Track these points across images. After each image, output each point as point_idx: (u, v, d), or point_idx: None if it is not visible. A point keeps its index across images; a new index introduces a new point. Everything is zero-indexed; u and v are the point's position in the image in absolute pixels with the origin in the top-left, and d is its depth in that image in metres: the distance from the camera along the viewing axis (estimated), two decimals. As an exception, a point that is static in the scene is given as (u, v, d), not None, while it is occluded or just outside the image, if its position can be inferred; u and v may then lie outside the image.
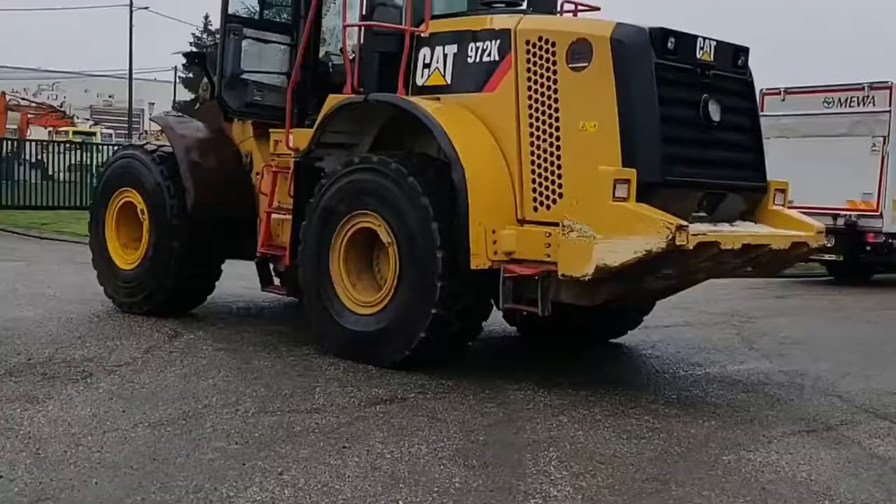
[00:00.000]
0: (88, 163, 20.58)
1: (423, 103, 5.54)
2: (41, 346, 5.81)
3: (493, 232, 5.21)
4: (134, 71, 45.53)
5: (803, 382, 5.96)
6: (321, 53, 6.68)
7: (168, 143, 7.05)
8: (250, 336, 6.43)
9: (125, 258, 7.17)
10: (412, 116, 5.57)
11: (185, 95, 48.16)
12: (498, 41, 5.45)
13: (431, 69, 5.75)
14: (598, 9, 6.55)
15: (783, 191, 5.72)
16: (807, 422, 4.96)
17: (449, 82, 5.67)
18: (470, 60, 5.58)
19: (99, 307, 7.30)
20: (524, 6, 6.22)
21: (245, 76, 6.68)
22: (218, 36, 6.93)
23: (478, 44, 5.55)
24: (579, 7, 6.59)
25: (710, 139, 5.31)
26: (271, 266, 6.73)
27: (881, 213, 12.26)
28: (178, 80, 49.12)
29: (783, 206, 5.70)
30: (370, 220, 5.58)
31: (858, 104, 12.58)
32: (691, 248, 4.69)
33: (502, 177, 5.33)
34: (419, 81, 5.78)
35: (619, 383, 5.60)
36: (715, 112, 5.24)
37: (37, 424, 4.19)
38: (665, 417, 4.82)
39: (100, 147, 23.02)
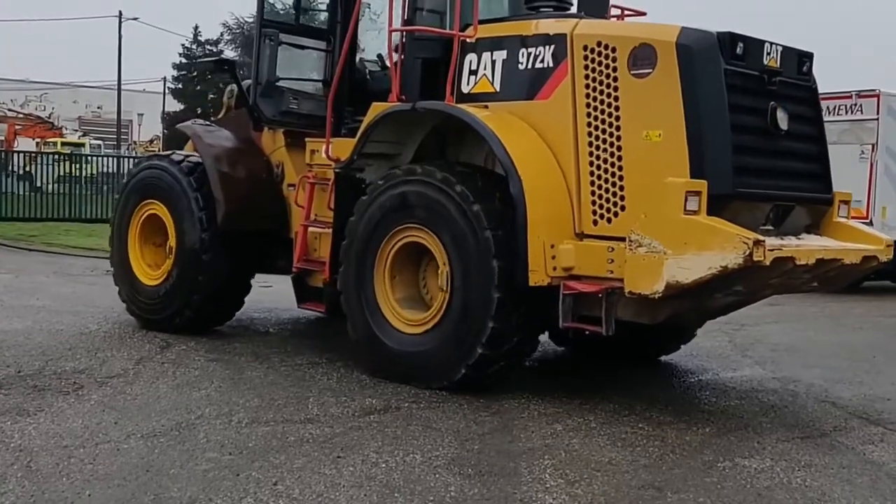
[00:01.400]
0: (77, 174, 20.51)
1: (475, 112, 5.29)
2: (31, 358, 5.76)
3: (552, 247, 4.96)
4: (123, 82, 45.57)
5: (796, 389, 5.98)
6: (356, 60, 6.48)
7: (194, 153, 6.79)
8: (242, 347, 6.40)
9: (149, 274, 6.88)
10: (461, 125, 5.36)
11: (173, 106, 48.07)
12: (552, 47, 5.21)
13: (478, 76, 5.52)
14: (644, 13, 6.26)
15: (847, 202, 5.50)
16: (800, 428, 4.97)
17: (497, 89, 5.43)
18: (521, 67, 5.34)
19: (89, 319, 7.25)
20: (573, 10, 5.93)
21: (280, 83, 6.39)
22: (253, 41, 6.64)
23: (529, 49, 5.31)
24: (626, 12, 6.29)
25: (778, 149, 5.09)
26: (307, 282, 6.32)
27: (871, 221, 12.33)
28: (167, 91, 49.03)
29: (847, 217, 5.49)
30: (419, 235, 5.34)
31: (846, 112, 12.68)
32: (768, 263, 4.46)
33: (559, 188, 5.09)
34: (465, 89, 5.55)
35: (612, 391, 5.59)
36: (783, 120, 5.01)
37: (28, 437, 4.15)
38: (659, 425, 4.82)
39: (88, 158, 22.98)
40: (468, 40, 5.53)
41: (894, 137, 12.53)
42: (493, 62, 5.46)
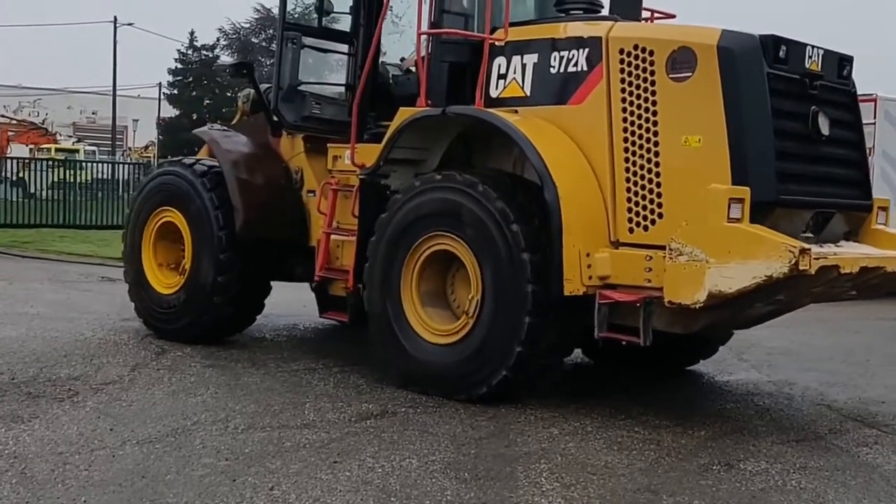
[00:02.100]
0: (71, 180, 20.48)
1: (507, 116, 5.15)
2: (25, 365, 5.74)
3: (588, 255, 4.83)
4: (118, 87, 45.46)
5: (792, 392, 6.00)
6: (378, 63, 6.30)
7: (206, 157, 6.67)
8: (238, 352, 6.39)
9: (164, 282, 6.72)
10: (491, 130, 5.24)
11: (169, 112, 48.02)
12: (586, 50, 5.07)
13: (508, 80, 5.38)
14: (673, 15, 6.08)
15: (885, 209, 5.40)
16: (795, 431, 4.98)
17: (528, 94, 5.29)
18: (553, 71, 5.21)
19: (83, 326, 7.23)
20: (604, 12, 5.74)
21: (302, 88, 6.27)
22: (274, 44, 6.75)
23: (562, 53, 5.17)
24: (655, 15, 6.13)
25: (819, 154, 4.99)
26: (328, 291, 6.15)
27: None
28: (162, 97, 48.95)
29: (885, 224, 5.38)
30: (448, 243, 5.20)
31: None
32: (813, 272, 4.33)
33: (594, 195, 4.95)
34: (493, 93, 5.41)
35: (608, 395, 5.61)
36: (824, 125, 4.91)
37: (22, 444, 4.14)
38: (655, 428, 4.82)
39: (83, 164, 22.95)
40: (497, 43, 5.39)
41: (891, 142, 12.57)
42: (524, 66, 5.32)
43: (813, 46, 4.99)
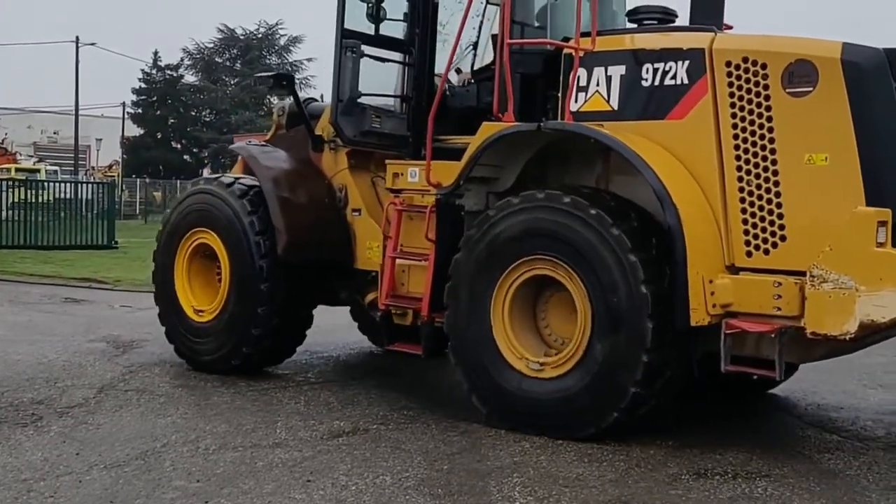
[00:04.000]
0: (33, 200, 20.14)
1: (615, 133, 4.84)
2: (-13, 389, 5.65)
3: (711, 282, 4.55)
4: (80, 107, 44.96)
5: (754, 400, 6.10)
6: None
7: (245, 176, 6.36)
8: (207, 373, 6.31)
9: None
10: (587, 146, 4.98)
11: (133, 131, 47.68)
12: (686, 62, 4.81)
13: (589, 93, 5.10)
14: (731, 27, 5.69)
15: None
16: (760, 439, 5.06)
17: (615, 108, 5.01)
18: (645, 84, 4.93)
19: (47, 348, 7.11)
20: (677, 22, 5.45)
21: (362, 100, 5.89)
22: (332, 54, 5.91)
23: (657, 65, 4.90)
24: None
25: None
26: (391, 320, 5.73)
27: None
28: (126, 116, 48.55)
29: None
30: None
31: None
32: None
33: (708, 217, 4.68)
34: (573, 107, 5.11)
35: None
36: None
37: (-13, 470, 4.07)
38: (624, 439, 4.86)
39: (44, 184, 22.57)
40: (571, 55, 5.11)
41: None
42: (609, 78, 5.05)
43: None
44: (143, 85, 46.81)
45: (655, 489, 4.09)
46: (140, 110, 46.81)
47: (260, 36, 47.26)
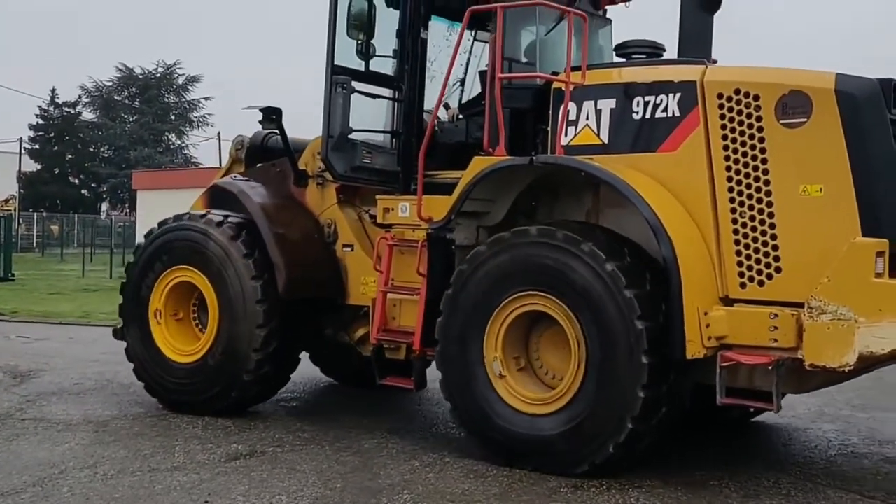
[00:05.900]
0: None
1: (609, 167, 4.82)
2: None
3: (706, 314, 4.52)
4: (-24, 142, 43.22)
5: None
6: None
7: (231, 213, 6.08)
8: (106, 399, 6.35)
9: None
10: (577, 180, 4.99)
11: (29, 166, 46.59)
12: (678, 94, 4.80)
13: (578, 127, 5.08)
14: (715, 61, 5.60)
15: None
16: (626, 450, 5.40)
17: (605, 141, 4.98)
18: (636, 116, 4.91)
19: (-61, 380, 6.97)
20: (665, 55, 5.50)
21: (353, 136, 5.82)
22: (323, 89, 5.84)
23: (647, 98, 4.89)
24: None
25: None
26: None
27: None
28: (23, 152, 47.26)
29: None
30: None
31: None
32: None
33: (702, 248, 4.65)
34: (563, 140, 5.10)
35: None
36: None
37: None
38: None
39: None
40: (561, 89, 5.12)
41: None
42: (598, 111, 5.04)
43: None
44: (41, 121, 46.82)
45: (536, 502, 4.35)
46: (37, 146, 46.30)
47: (158, 75, 47.63)
